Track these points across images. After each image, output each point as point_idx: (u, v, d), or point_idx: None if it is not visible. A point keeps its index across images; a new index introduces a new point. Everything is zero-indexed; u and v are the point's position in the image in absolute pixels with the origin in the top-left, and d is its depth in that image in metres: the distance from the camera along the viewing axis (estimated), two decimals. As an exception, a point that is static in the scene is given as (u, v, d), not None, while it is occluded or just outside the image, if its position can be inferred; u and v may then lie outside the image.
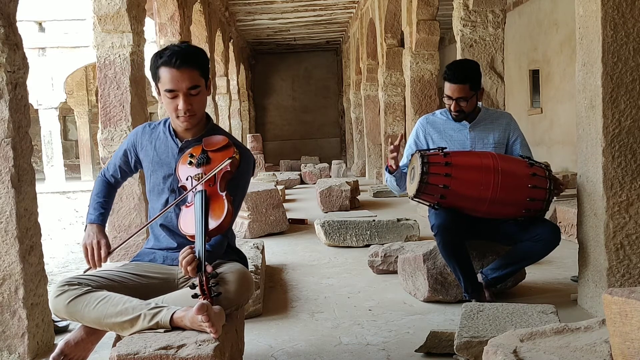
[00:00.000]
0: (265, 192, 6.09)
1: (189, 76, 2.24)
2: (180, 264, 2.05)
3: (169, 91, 2.26)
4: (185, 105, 2.26)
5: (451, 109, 3.36)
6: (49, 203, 12.54)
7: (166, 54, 2.25)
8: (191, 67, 2.25)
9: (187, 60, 2.23)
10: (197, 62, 2.27)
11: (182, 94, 2.25)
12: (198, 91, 2.28)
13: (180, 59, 2.22)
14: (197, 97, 2.29)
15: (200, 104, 2.33)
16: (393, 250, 4.10)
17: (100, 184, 2.57)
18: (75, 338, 2.18)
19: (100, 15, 4.83)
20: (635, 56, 2.88)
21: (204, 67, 2.30)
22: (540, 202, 3.06)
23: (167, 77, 2.24)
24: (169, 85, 2.25)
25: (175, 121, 2.36)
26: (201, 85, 2.29)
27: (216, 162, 2.27)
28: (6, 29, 2.64)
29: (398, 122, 10.30)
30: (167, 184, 2.40)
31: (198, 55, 2.29)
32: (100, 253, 2.34)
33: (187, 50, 2.27)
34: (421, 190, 3.06)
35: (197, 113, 2.32)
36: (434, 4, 7.33)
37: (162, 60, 2.24)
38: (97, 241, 2.36)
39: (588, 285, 3.11)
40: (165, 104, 2.32)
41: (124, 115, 4.83)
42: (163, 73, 2.25)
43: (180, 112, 2.28)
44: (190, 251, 2.05)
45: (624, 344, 1.61)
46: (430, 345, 2.60)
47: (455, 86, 3.30)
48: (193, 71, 2.25)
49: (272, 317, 3.27)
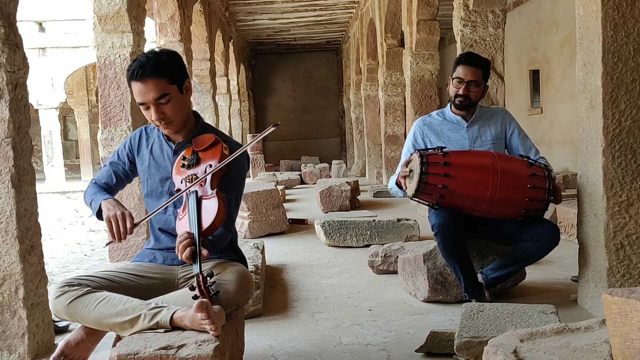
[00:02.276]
0: (266, 192, 6.09)
1: (154, 87, 2.23)
2: (177, 249, 2.05)
3: (140, 104, 2.28)
4: (157, 114, 2.27)
5: (460, 92, 3.34)
6: (49, 203, 12.55)
7: (132, 67, 2.25)
8: (155, 77, 2.23)
9: (150, 72, 2.22)
10: (162, 70, 2.24)
11: (152, 104, 2.26)
12: (168, 99, 2.26)
13: (142, 71, 2.22)
14: (169, 105, 2.27)
15: (175, 110, 2.30)
16: (393, 250, 4.10)
17: (94, 186, 2.49)
18: (75, 338, 2.18)
19: (100, 15, 4.83)
20: (636, 56, 2.88)
21: (172, 73, 2.27)
22: (539, 202, 3.06)
23: (135, 91, 2.26)
24: (138, 99, 2.27)
25: (159, 128, 2.38)
26: (171, 92, 2.27)
27: (205, 160, 2.29)
28: (6, 29, 2.64)
29: (398, 122, 10.30)
30: (165, 187, 2.41)
31: (162, 63, 2.25)
32: (126, 224, 2.23)
33: (152, 60, 2.24)
34: (420, 190, 3.06)
35: (173, 119, 2.32)
36: (434, 4, 7.33)
37: (128, 75, 2.27)
38: (120, 212, 2.25)
39: (588, 285, 3.11)
40: (144, 115, 2.33)
41: (124, 115, 4.83)
42: (133, 87, 2.27)
43: (155, 122, 2.31)
44: (187, 235, 2.06)
45: (624, 344, 1.61)
46: (430, 345, 2.60)
47: (470, 68, 3.34)
48: (159, 80, 2.24)
49: (272, 317, 3.27)
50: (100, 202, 2.34)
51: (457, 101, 3.37)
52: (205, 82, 10.15)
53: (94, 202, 2.38)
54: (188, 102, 2.41)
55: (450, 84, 3.42)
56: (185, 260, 2.06)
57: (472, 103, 3.39)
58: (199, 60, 9.94)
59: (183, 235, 2.07)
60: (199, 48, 10.00)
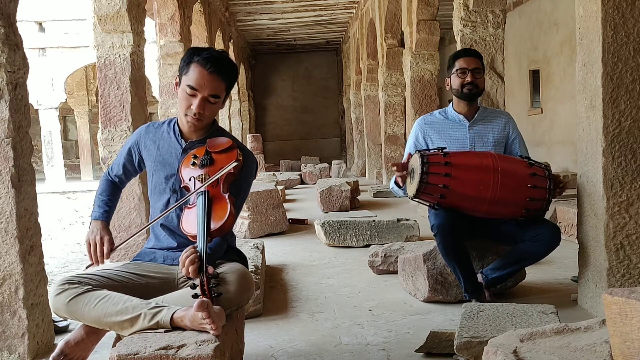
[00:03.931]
0: (266, 192, 6.10)
1: (216, 84, 2.29)
2: (182, 264, 2.03)
3: (191, 88, 2.28)
4: (199, 108, 2.30)
5: (468, 79, 3.36)
6: (49, 203, 12.55)
7: (204, 54, 2.28)
8: (221, 77, 2.30)
9: (220, 70, 2.28)
10: (228, 75, 2.32)
11: (201, 96, 2.28)
12: (216, 101, 2.32)
13: (215, 65, 2.27)
14: (213, 106, 2.33)
15: (212, 112, 2.37)
16: (393, 250, 4.10)
17: (105, 183, 2.58)
18: (75, 338, 2.18)
19: (100, 15, 4.83)
20: (635, 56, 2.88)
21: (231, 82, 2.35)
22: (540, 202, 3.06)
23: (195, 75, 2.27)
24: (193, 83, 2.28)
25: (182, 118, 2.38)
26: (222, 96, 2.34)
27: (220, 163, 2.28)
28: (6, 29, 2.64)
29: (398, 122, 10.31)
30: (169, 184, 2.41)
31: (231, 70, 2.34)
32: (103, 249, 2.35)
33: (224, 60, 2.32)
34: (421, 190, 3.06)
35: (205, 119, 2.36)
36: (434, 4, 7.33)
37: (198, 59, 2.28)
38: (100, 237, 2.37)
39: (588, 286, 3.11)
40: (180, 98, 2.34)
41: (124, 115, 4.83)
42: (193, 69, 2.28)
43: (191, 112, 2.31)
44: (193, 251, 2.04)
45: (624, 344, 1.61)
46: (430, 345, 2.60)
47: (470, 58, 3.41)
48: (221, 82, 2.30)
49: (272, 317, 3.27)
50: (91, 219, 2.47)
51: (466, 89, 3.38)
52: (205, 82, 10.13)
53: (93, 211, 2.50)
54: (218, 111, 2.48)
55: (450, 81, 3.43)
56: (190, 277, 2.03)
57: (479, 92, 3.42)
58: (199, 60, 9.92)
59: (189, 250, 2.05)
60: (199, 48, 9.98)
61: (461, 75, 3.38)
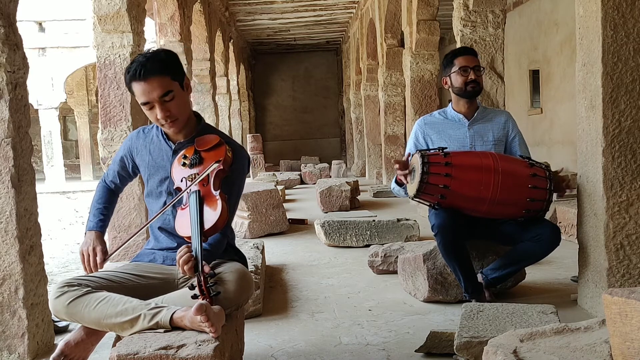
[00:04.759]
0: (265, 192, 6.09)
1: (158, 85, 2.24)
2: (178, 263, 2.06)
3: (144, 104, 2.28)
4: (163, 113, 2.27)
5: (471, 77, 3.36)
6: (49, 203, 12.54)
7: (132, 68, 2.26)
8: (158, 75, 2.24)
9: (152, 70, 2.23)
10: (164, 68, 2.27)
11: (157, 103, 2.26)
12: (172, 96, 2.27)
13: (144, 70, 2.23)
14: (173, 102, 2.29)
15: (179, 107, 2.32)
16: (393, 250, 4.10)
17: (101, 190, 2.60)
18: (75, 338, 2.18)
19: (100, 15, 4.83)
20: (635, 56, 2.88)
21: (173, 70, 2.30)
22: (540, 202, 3.06)
23: (138, 91, 2.26)
24: (142, 99, 2.27)
25: (163, 128, 2.38)
26: (174, 89, 2.28)
27: (208, 161, 2.28)
28: (6, 29, 2.64)
29: (398, 122, 10.30)
30: (163, 187, 2.42)
31: (163, 61, 2.28)
32: (96, 260, 2.36)
33: (152, 58, 2.26)
34: (421, 190, 3.06)
35: (179, 117, 2.33)
36: (434, 4, 7.33)
37: (129, 76, 2.26)
38: (92, 248, 2.38)
39: (588, 286, 3.11)
40: (148, 116, 2.34)
41: (124, 115, 4.83)
42: (134, 88, 2.27)
43: (161, 121, 2.30)
44: (187, 250, 2.07)
45: (624, 344, 1.61)
46: (430, 345, 2.60)
47: (470, 56, 3.43)
48: (161, 78, 2.25)
49: (272, 317, 3.27)
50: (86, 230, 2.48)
51: (470, 87, 3.38)
52: (205, 82, 10.15)
53: (88, 220, 2.52)
54: (189, 99, 2.43)
55: (449, 80, 3.43)
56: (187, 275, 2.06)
57: (481, 89, 3.45)
58: (198, 60, 9.94)
59: (183, 250, 2.07)
60: (199, 48, 9.99)
61: (463, 74, 3.38)
